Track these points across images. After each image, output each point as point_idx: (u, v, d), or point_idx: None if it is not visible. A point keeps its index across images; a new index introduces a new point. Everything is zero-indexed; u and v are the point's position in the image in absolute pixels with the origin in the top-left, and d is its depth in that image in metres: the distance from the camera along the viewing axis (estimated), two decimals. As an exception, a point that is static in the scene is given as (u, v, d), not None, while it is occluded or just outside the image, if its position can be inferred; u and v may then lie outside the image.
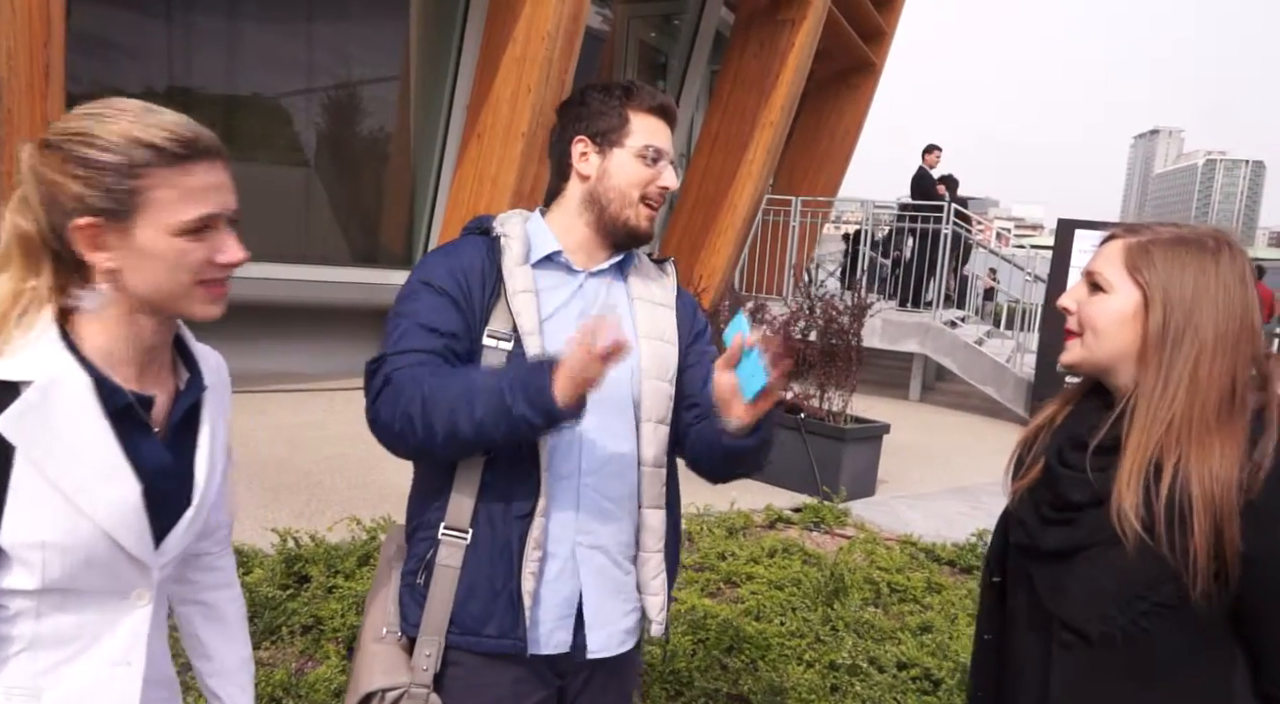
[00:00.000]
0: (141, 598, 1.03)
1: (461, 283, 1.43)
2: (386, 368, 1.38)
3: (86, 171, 0.95)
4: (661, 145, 1.50)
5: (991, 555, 1.39)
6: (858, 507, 5.17)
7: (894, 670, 3.05)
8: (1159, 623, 1.10)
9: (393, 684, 1.39)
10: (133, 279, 0.98)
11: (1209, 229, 1.20)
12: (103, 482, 0.96)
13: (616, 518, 1.48)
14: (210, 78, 6.91)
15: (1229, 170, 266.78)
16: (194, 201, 0.99)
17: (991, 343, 10.04)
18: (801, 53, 9.38)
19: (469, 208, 7.30)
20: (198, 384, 1.10)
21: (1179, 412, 1.12)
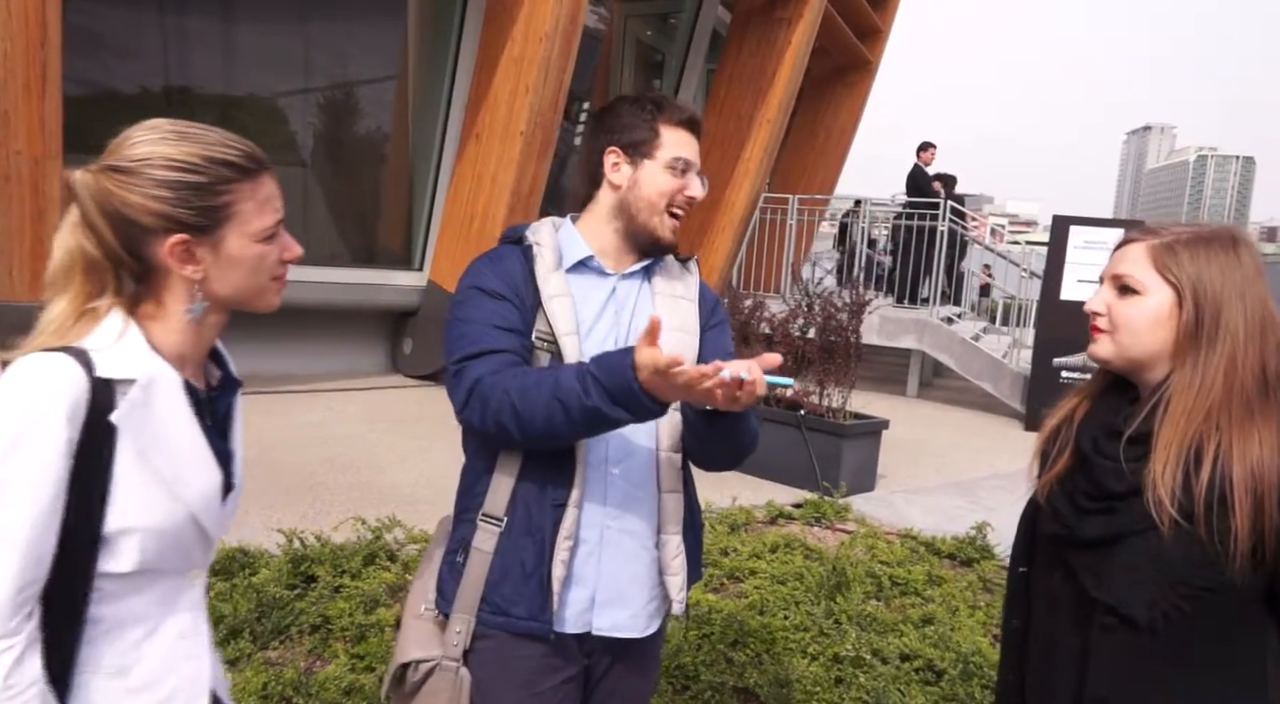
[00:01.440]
0: (196, 576, 1.13)
1: (510, 286, 1.52)
2: (471, 374, 1.43)
3: (172, 192, 1.02)
4: (690, 157, 1.57)
5: (1018, 546, 1.43)
6: (858, 502, 5.20)
7: (897, 662, 3.08)
8: (1198, 606, 1.15)
9: (426, 656, 1.48)
10: (218, 285, 1.08)
11: (1220, 226, 1.26)
12: (195, 469, 1.06)
13: (641, 503, 1.55)
14: (208, 78, 6.92)
15: (1220, 166, 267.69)
16: (268, 209, 1.10)
17: (988, 339, 10.09)
18: (798, 51, 9.41)
19: (467, 208, 7.32)
20: (233, 381, 1.19)
21: (1217, 401, 1.17)
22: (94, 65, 6.20)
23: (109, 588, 1.03)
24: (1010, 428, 8.62)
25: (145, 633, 1.07)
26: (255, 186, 1.08)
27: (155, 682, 1.07)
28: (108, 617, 1.03)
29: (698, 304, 1.66)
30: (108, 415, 0.98)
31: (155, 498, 1.02)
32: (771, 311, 6.04)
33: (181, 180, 1.02)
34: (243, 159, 1.06)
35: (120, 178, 1.01)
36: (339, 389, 6.84)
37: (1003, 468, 6.43)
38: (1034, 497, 1.40)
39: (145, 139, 1.03)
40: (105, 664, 1.04)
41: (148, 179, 1.01)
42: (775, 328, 5.80)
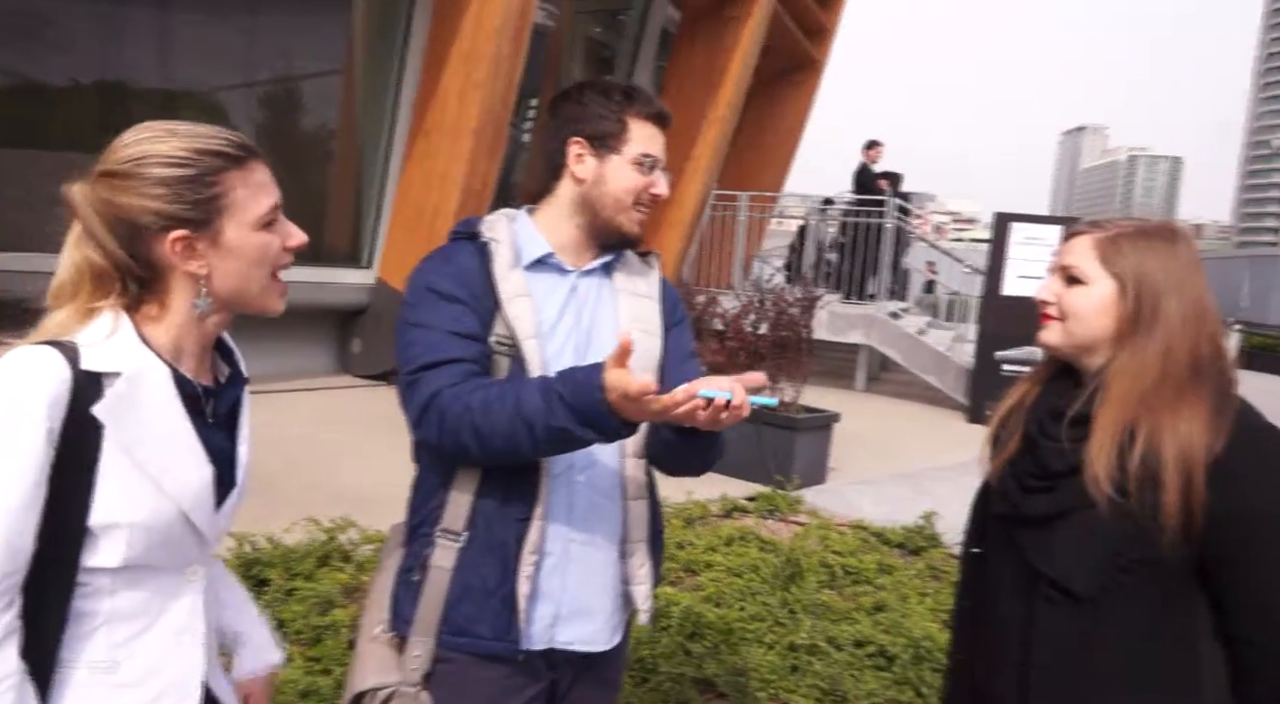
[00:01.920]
0: (195, 574, 1.12)
1: (466, 285, 1.43)
2: (428, 386, 1.35)
3: (166, 189, 1.02)
4: (657, 153, 1.52)
5: (971, 529, 1.49)
6: (810, 494, 5.29)
7: (851, 648, 3.15)
8: (1134, 577, 1.22)
9: (383, 683, 1.40)
10: (221, 280, 1.08)
11: (1161, 221, 1.35)
12: (184, 465, 1.05)
13: (607, 511, 1.49)
14: (144, 71, 6.71)
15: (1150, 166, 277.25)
16: (263, 194, 1.09)
17: (933, 333, 10.31)
18: (747, 49, 9.50)
19: (417, 205, 7.24)
20: (240, 377, 1.19)
21: (1150, 385, 1.24)
22: (23, 57, 5.98)
23: (99, 583, 1.02)
24: (955, 420, 8.83)
25: (139, 629, 1.06)
26: (246, 173, 1.07)
27: (145, 678, 1.07)
28: (100, 611, 1.03)
29: (659, 302, 1.60)
30: (91, 408, 0.97)
31: (142, 492, 1.01)
32: (724, 307, 6.10)
33: (174, 175, 1.02)
34: (230, 147, 1.06)
35: (115, 182, 1.03)
36: (287, 390, 6.71)
37: (948, 459, 6.59)
38: (986, 480, 1.46)
39: (135, 140, 1.04)
40: (94, 659, 1.03)
41: (142, 179, 1.02)
42: (728, 323, 5.86)
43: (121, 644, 1.05)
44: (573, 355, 1.46)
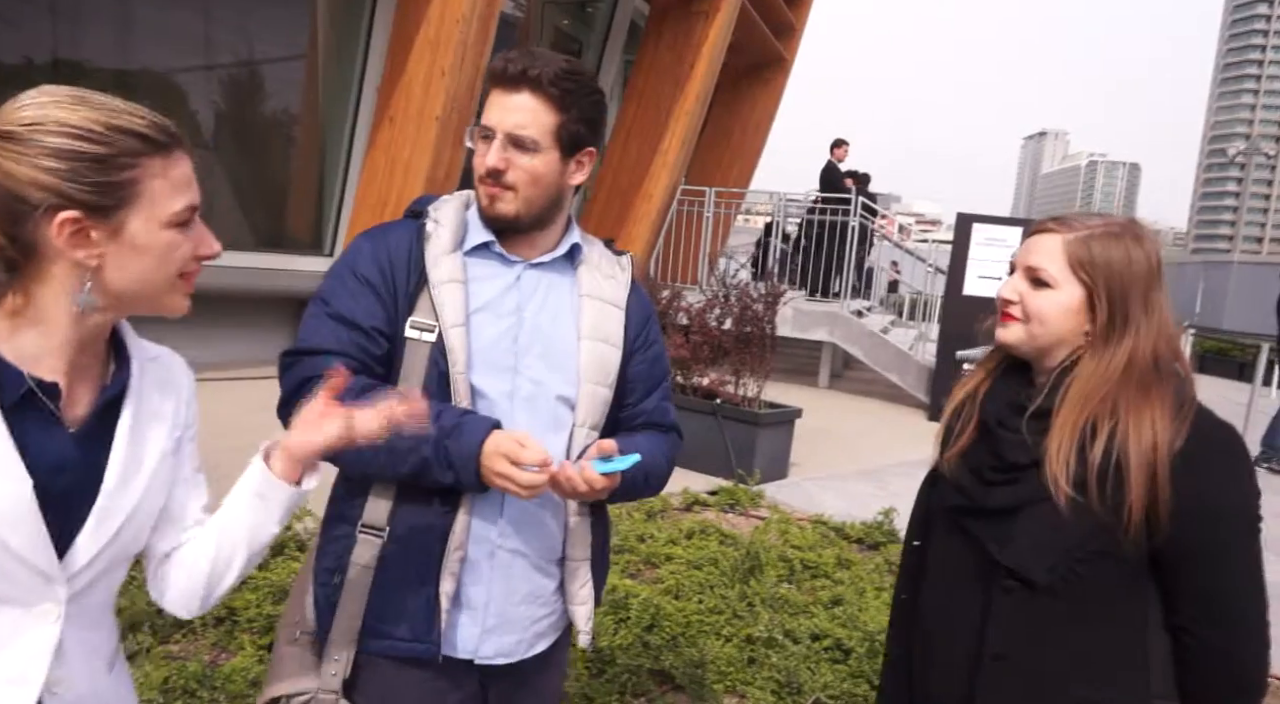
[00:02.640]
0: (48, 615, 0.94)
1: (385, 269, 1.37)
2: (300, 372, 1.32)
3: (66, 163, 0.89)
4: (491, 122, 1.36)
5: (914, 522, 1.49)
6: (771, 489, 5.32)
7: (808, 642, 3.17)
8: (1091, 568, 1.23)
9: (298, 690, 1.35)
10: (114, 275, 0.94)
11: (1126, 220, 1.34)
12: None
13: (542, 523, 1.44)
14: (99, 51, 6.54)
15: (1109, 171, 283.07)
16: (182, 192, 0.96)
17: (895, 332, 10.42)
18: (715, 44, 9.51)
19: (380, 193, 7.14)
20: (121, 376, 1.02)
21: (1114, 386, 1.25)
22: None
23: None
24: (916, 417, 8.93)
25: None
26: (167, 164, 0.95)
27: None
28: None
29: (625, 313, 1.50)
30: None
31: None
32: (689, 302, 6.10)
33: (77, 150, 0.88)
34: (153, 131, 0.93)
35: (5, 146, 0.88)
36: (244, 377, 6.59)
37: (909, 456, 6.66)
38: (931, 472, 1.46)
39: (36, 102, 0.90)
40: None
41: (37, 146, 0.88)
42: (693, 318, 5.87)
43: None
44: (503, 347, 1.40)
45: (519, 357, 1.40)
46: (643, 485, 1.47)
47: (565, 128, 1.37)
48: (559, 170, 1.40)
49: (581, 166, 1.43)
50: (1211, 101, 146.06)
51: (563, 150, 1.39)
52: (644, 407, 1.54)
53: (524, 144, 1.35)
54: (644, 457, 1.40)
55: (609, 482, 1.32)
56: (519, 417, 1.39)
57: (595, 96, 1.41)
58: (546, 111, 1.35)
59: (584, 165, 1.44)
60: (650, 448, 1.48)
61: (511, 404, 1.39)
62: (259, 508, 1.11)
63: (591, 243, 1.55)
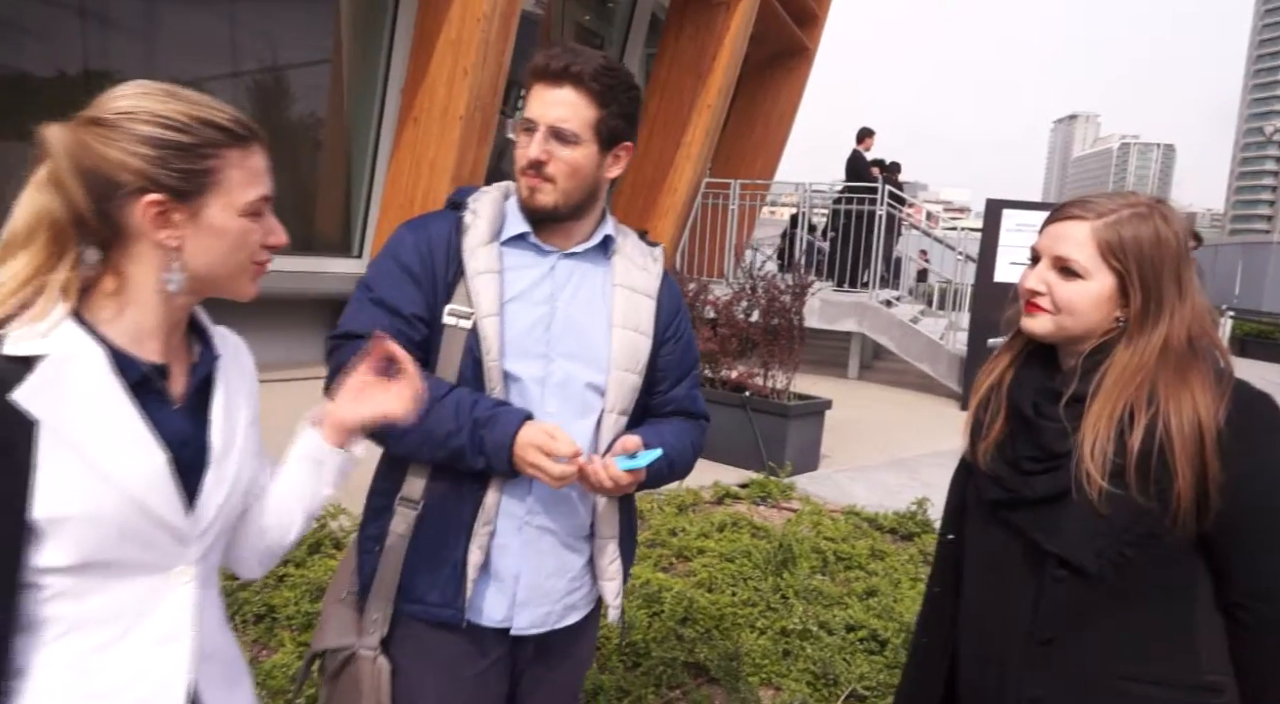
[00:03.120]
0: (184, 575, 1.04)
1: (425, 258, 1.44)
2: (342, 355, 1.39)
3: (156, 150, 0.96)
4: (533, 115, 1.42)
5: (948, 515, 1.47)
6: (802, 481, 5.29)
7: (843, 633, 3.15)
8: (1140, 551, 1.22)
9: (341, 644, 1.45)
10: (193, 257, 1.01)
11: (1151, 200, 1.30)
12: (127, 450, 0.97)
13: (570, 502, 1.50)
14: (130, 61, 6.65)
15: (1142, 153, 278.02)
16: (257, 183, 1.03)
17: (925, 321, 10.32)
18: (737, 36, 9.46)
19: (407, 193, 7.20)
20: (209, 356, 1.11)
21: (1149, 371, 1.23)
22: (7, 47, 5.91)
23: (60, 585, 0.95)
24: (947, 407, 8.84)
25: (113, 636, 0.99)
26: (245, 155, 1.02)
27: (118, 690, 0.99)
28: (65, 617, 0.96)
29: (656, 303, 1.55)
30: (11, 394, 0.91)
31: (83, 482, 0.93)
32: (715, 295, 6.09)
33: (165, 138, 0.96)
34: (234, 124, 1.01)
35: (100, 131, 0.95)
36: (277, 379, 6.67)
37: (941, 446, 6.60)
38: (963, 465, 1.43)
39: (131, 93, 0.98)
40: (61, 667, 0.96)
41: (129, 134, 0.95)
42: (720, 311, 5.85)
43: (94, 651, 0.98)
44: (536, 335, 1.46)
45: (551, 344, 1.46)
46: (668, 474, 1.54)
47: (605, 122, 1.43)
48: (597, 163, 1.46)
49: (618, 160, 1.50)
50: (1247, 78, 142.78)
51: (601, 144, 1.45)
52: (674, 395, 1.60)
53: (565, 137, 1.41)
54: (669, 446, 1.48)
55: (632, 478, 1.40)
56: (550, 402, 1.46)
57: (633, 92, 1.47)
58: (587, 106, 1.41)
59: (620, 159, 1.50)
60: (677, 436, 1.57)
61: (543, 390, 1.46)
62: (314, 472, 1.19)
63: (625, 234, 1.60)
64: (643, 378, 1.52)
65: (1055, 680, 1.28)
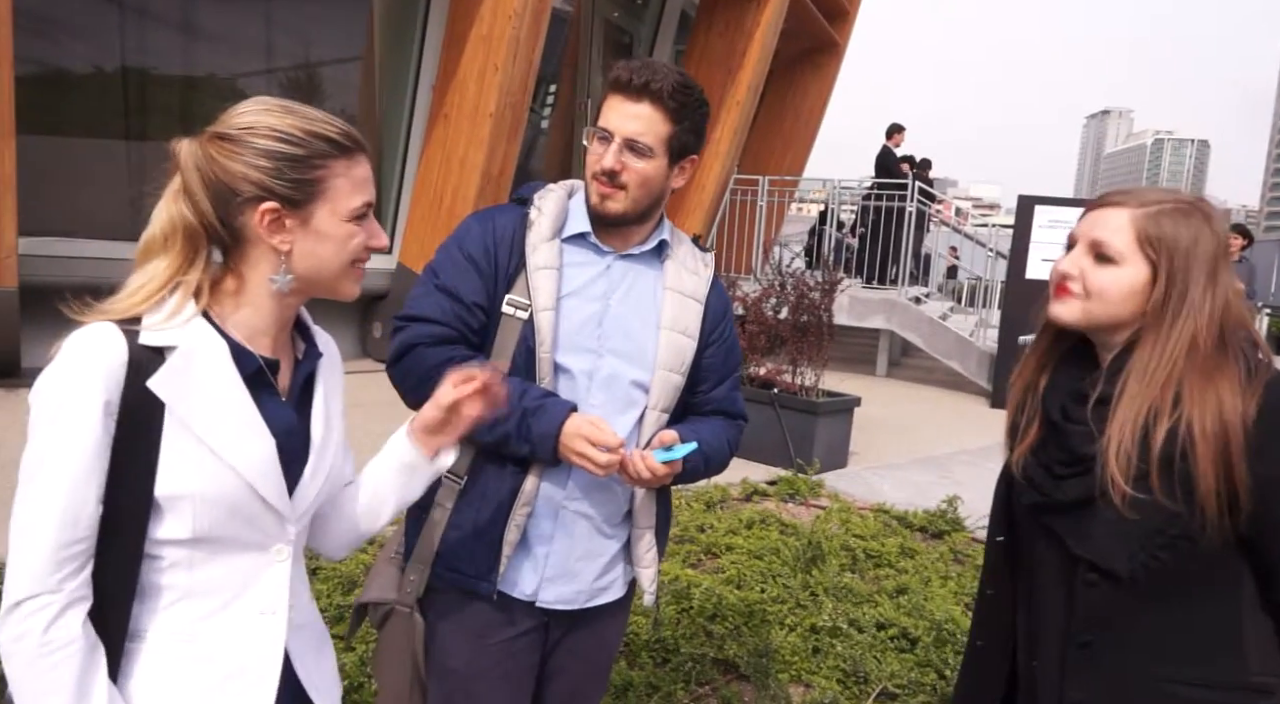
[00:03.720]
0: (281, 553, 1.13)
1: (490, 249, 1.52)
2: (407, 336, 1.50)
3: (272, 162, 1.04)
4: (610, 125, 1.48)
5: (994, 517, 1.47)
6: (831, 478, 5.26)
7: (873, 631, 3.14)
8: (1174, 553, 1.19)
9: (382, 598, 1.57)
10: (301, 260, 1.09)
11: (1195, 198, 1.27)
12: (242, 436, 1.05)
13: (609, 491, 1.56)
14: (165, 59, 6.75)
15: (1176, 149, 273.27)
16: (361, 190, 1.11)
17: (955, 318, 10.22)
18: (767, 32, 9.41)
19: (437, 190, 7.25)
20: (313, 354, 1.20)
21: (1176, 370, 1.20)
22: (47, 44, 6.02)
23: (175, 556, 1.04)
24: (977, 405, 8.76)
25: (219, 605, 1.08)
26: (350, 165, 1.09)
27: (223, 654, 1.08)
28: (178, 585, 1.05)
29: (704, 307, 1.61)
30: (147, 381, 1.00)
31: (202, 464, 1.02)
32: (744, 292, 6.07)
33: (281, 151, 1.04)
34: (341, 137, 1.08)
35: (224, 145, 1.04)
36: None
37: (970, 443, 6.54)
38: (1007, 468, 1.43)
39: (252, 110, 1.06)
40: (172, 631, 1.06)
41: (250, 147, 1.04)
42: (749, 308, 5.83)
43: (201, 619, 1.07)
44: (588, 331, 1.52)
45: (602, 340, 1.53)
46: (704, 469, 1.60)
47: (677, 137, 1.50)
48: (665, 175, 1.53)
49: (684, 171, 1.56)
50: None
51: (671, 157, 1.52)
52: (715, 395, 1.66)
53: (639, 150, 1.47)
54: (706, 443, 1.55)
55: (669, 469, 1.46)
56: (596, 395, 1.52)
57: (704, 109, 1.54)
58: (663, 122, 1.47)
59: (686, 170, 1.57)
60: (714, 434, 1.62)
61: (590, 383, 1.53)
62: (409, 475, 1.29)
63: (680, 239, 1.66)
64: (685, 378, 1.59)
65: (1096, 683, 1.26)
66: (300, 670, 1.17)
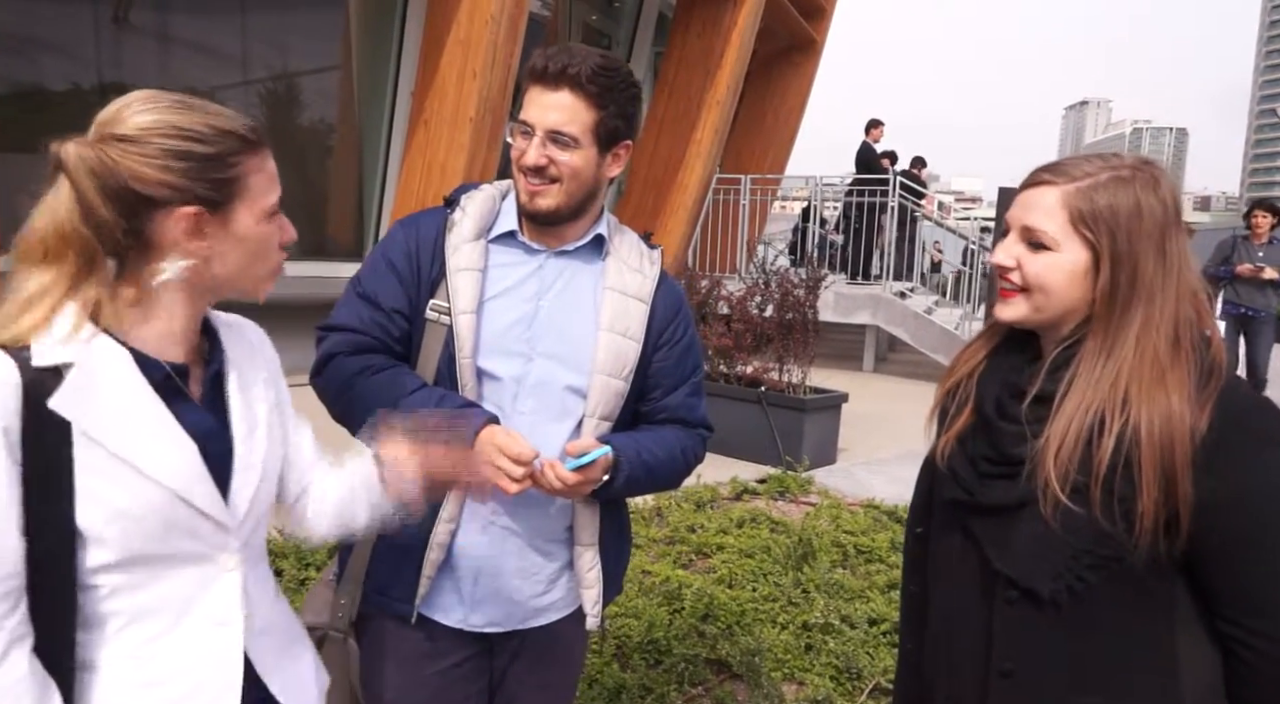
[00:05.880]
0: (230, 562, 1.07)
1: (412, 255, 1.45)
2: (326, 346, 1.47)
3: (186, 162, 0.97)
4: (531, 118, 1.40)
5: (915, 507, 1.36)
6: (820, 475, 5.28)
7: (865, 626, 3.14)
8: (1103, 574, 1.08)
9: (316, 623, 1.49)
10: (219, 264, 1.03)
11: (1138, 160, 1.14)
12: (161, 446, 0.99)
13: (542, 506, 1.47)
14: (142, 73, 6.70)
15: (1155, 138, 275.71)
16: (274, 185, 1.07)
17: (940, 312, 10.26)
18: (744, 31, 9.43)
19: (419, 196, 7.22)
20: (218, 353, 1.13)
21: (1126, 367, 1.08)
22: (22, 61, 5.97)
23: (114, 582, 0.99)
24: (964, 398, 8.79)
25: (170, 623, 1.03)
26: (262, 161, 1.05)
27: (176, 675, 1.03)
28: (124, 610, 1.00)
29: (649, 307, 1.51)
30: (48, 402, 0.93)
31: (122, 481, 0.96)
32: (729, 291, 6.08)
33: (194, 150, 0.98)
34: (249, 131, 1.03)
35: (126, 147, 0.96)
36: (293, 385, 6.72)
37: (959, 436, 6.55)
38: (930, 455, 1.32)
39: (147, 108, 0.98)
40: (126, 655, 1.01)
41: (158, 148, 0.96)
42: (733, 307, 5.84)
43: (152, 640, 1.02)
44: (515, 333, 1.44)
45: (532, 343, 1.45)
46: (646, 480, 1.48)
47: (603, 124, 1.41)
48: (596, 164, 1.44)
49: (618, 160, 1.47)
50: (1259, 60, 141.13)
51: (600, 145, 1.43)
52: (668, 402, 1.56)
53: (563, 142, 1.39)
54: (645, 450, 1.46)
55: (581, 477, 1.37)
56: (526, 402, 1.45)
57: (631, 91, 1.44)
58: (585, 109, 1.38)
59: (620, 158, 1.47)
60: (658, 443, 1.51)
61: (519, 389, 1.45)
62: (378, 496, 1.25)
63: (624, 234, 1.57)
64: (629, 384, 1.49)
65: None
66: (267, 677, 1.12)
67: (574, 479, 1.36)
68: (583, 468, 1.37)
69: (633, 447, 1.45)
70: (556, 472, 1.35)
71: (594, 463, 1.38)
